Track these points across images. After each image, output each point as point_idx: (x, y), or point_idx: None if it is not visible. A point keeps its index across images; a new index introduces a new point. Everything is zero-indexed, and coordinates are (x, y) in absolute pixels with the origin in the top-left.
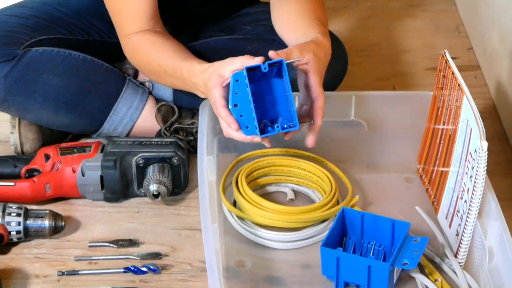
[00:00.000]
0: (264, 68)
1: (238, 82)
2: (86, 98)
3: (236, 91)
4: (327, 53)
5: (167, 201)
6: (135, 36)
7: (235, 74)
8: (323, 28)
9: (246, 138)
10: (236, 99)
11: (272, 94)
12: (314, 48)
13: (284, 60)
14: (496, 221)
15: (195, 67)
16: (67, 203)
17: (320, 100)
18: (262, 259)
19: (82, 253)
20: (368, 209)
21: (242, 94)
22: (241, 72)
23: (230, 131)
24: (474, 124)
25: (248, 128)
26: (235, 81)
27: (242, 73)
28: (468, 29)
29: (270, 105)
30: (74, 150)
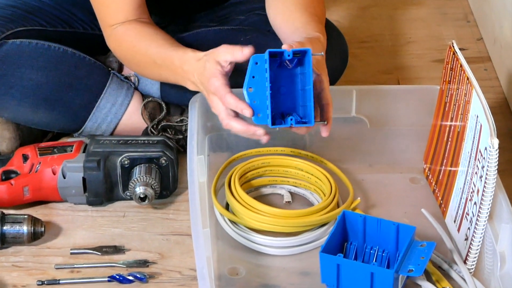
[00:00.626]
0: (288, 55)
1: (257, 65)
2: (67, 94)
3: (254, 75)
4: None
5: (154, 204)
6: (119, 27)
7: (255, 56)
8: (320, 25)
9: (249, 129)
10: (252, 83)
11: (287, 87)
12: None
13: (310, 50)
14: (508, 224)
15: (188, 55)
16: (47, 207)
17: (331, 108)
18: (257, 266)
19: (63, 261)
20: (370, 212)
21: (259, 78)
22: (262, 55)
23: (231, 122)
24: (484, 120)
25: (259, 116)
26: (254, 63)
27: (263, 56)
28: (477, 18)
29: (284, 98)
30: (54, 150)
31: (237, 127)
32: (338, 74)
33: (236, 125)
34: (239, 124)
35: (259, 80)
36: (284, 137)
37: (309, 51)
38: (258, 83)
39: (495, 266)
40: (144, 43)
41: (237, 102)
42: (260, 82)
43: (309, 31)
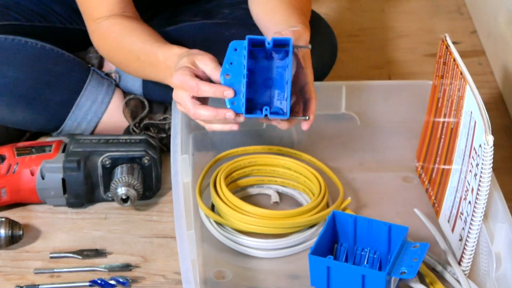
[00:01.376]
0: (267, 43)
1: (236, 51)
2: (45, 91)
3: (231, 61)
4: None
5: (137, 206)
6: (104, 21)
7: (234, 42)
8: (304, 17)
9: (218, 113)
10: (229, 70)
11: (269, 78)
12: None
13: (291, 39)
14: (504, 224)
15: (172, 51)
16: (25, 210)
17: (314, 102)
18: (244, 270)
19: (42, 265)
20: (361, 213)
21: (237, 65)
22: (242, 42)
23: (199, 110)
24: (479, 116)
25: (234, 104)
26: (233, 50)
27: (242, 43)
28: (471, 10)
29: (264, 89)
30: (32, 150)
31: (206, 113)
32: (326, 69)
33: (204, 111)
34: (208, 111)
35: (236, 67)
36: (272, 136)
37: (290, 40)
38: (235, 70)
39: (491, 267)
40: (129, 39)
41: (214, 86)
42: (237, 69)
43: (292, 23)
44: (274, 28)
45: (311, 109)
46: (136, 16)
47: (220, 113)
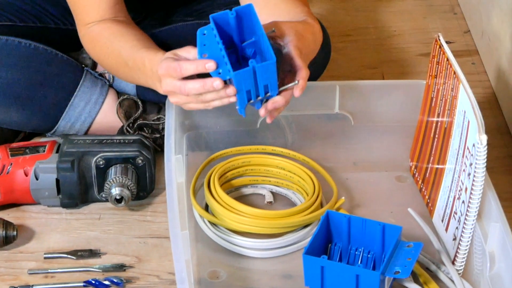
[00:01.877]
0: (231, 14)
1: (205, 35)
2: (39, 92)
3: (204, 43)
4: (316, 35)
5: (131, 206)
6: (94, 26)
7: (200, 29)
8: (308, 9)
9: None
10: (204, 50)
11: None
12: (301, 28)
13: (252, 4)
14: (498, 223)
15: (159, 55)
16: (19, 210)
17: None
18: (238, 270)
19: (36, 265)
20: (355, 212)
21: (211, 44)
22: (209, 26)
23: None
24: (472, 115)
25: (220, 74)
26: (202, 34)
27: (209, 26)
28: (464, 10)
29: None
30: (26, 150)
31: (195, 85)
32: (320, 69)
33: (194, 83)
34: (196, 82)
35: (210, 45)
36: (265, 135)
37: (251, 6)
38: (210, 47)
39: (484, 266)
40: (117, 44)
41: (195, 62)
42: (212, 45)
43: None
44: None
45: (300, 75)
46: (128, 20)
47: (207, 82)
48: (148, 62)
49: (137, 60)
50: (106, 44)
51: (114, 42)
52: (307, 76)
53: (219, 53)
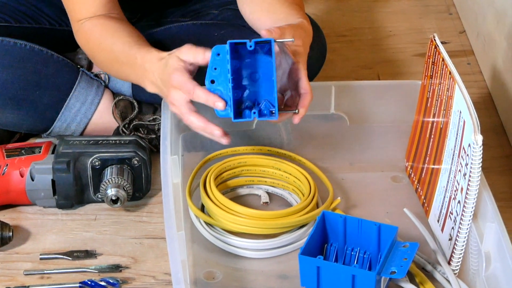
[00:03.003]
0: (249, 46)
1: (219, 56)
2: (34, 93)
3: (215, 66)
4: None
5: (127, 206)
6: (87, 22)
7: (216, 47)
8: (302, 12)
9: (207, 127)
10: (214, 75)
11: (258, 73)
12: (304, 37)
13: (273, 40)
14: (493, 223)
15: (151, 54)
16: (15, 211)
17: (309, 97)
18: (234, 270)
19: (32, 266)
20: (351, 212)
21: (221, 70)
22: (224, 46)
23: (191, 116)
24: (468, 116)
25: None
26: (216, 55)
27: (224, 47)
28: (460, 10)
29: (254, 84)
30: (22, 151)
31: (197, 123)
32: (316, 70)
33: (196, 121)
34: (199, 120)
35: (221, 72)
36: (261, 136)
37: (272, 41)
38: (220, 75)
39: (480, 266)
40: (110, 40)
41: (208, 95)
42: (222, 74)
43: (292, 19)
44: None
45: (303, 103)
46: (121, 17)
47: (208, 127)
48: (140, 59)
49: (129, 57)
50: (99, 40)
51: (107, 37)
52: (309, 103)
53: (227, 86)
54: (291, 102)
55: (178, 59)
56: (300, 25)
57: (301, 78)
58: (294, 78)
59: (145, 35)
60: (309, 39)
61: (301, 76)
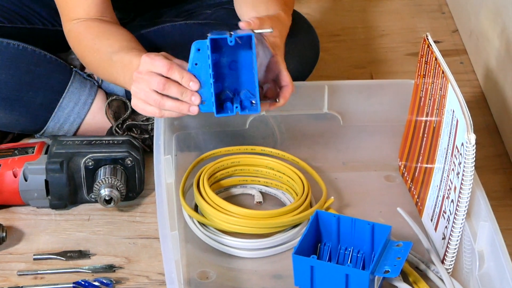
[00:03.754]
0: (230, 42)
1: (199, 52)
2: (27, 93)
3: (196, 62)
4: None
5: (120, 207)
6: (80, 23)
7: (197, 42)
8: (284, 6)
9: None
10: (194, 70)
11: (238, 63)
12: (280, 28)
13: (253, 35)
14: (487, 222)
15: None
16: (8, 212)
17: (290, 89)
18: (228, 270)
19: (26, 267)
20: (344, 212)
21: (202, 65)
22: (204, 42)
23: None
24: (461, 115)
25: (204, 104)
26: (197, 50)
27: (205, 42)
28: (452, 9)
29: (235, 75)
30: (15, 151)
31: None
32: (309, 69)
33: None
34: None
35: (201, 67)
36: (255, 136)
37: (252, 36)
38: (201, 70)
39: (474, 265)
40: (106, 42)
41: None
42: (203, 69)
43: (271, 11)
44: None
45: (284, 95)
46: (114, 21)
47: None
48: (136, 60)
49: (125, 58)
50: (93, 40)
51: (102, 39)
52: (290, 95)
53: (208, 80)
54: (271, 94)
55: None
56: (276, 16)
57: (281, 70)
58: (273, 70)
59: (138, 35)
60: (286, 30)
61: (281, 69)
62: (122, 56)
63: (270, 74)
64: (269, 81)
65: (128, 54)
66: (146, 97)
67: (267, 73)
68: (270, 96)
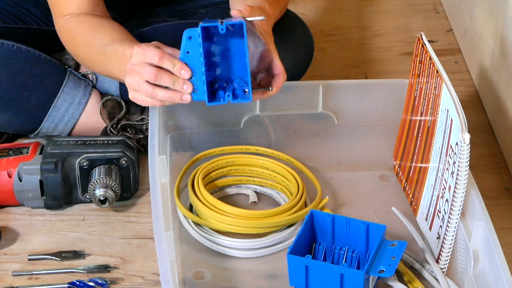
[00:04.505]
0: (221, 30)
1: (191, 40)
2: (21, 93)
3: (188, 50)
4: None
5: (115, 207)
6: (72, 18)
7: (188, 30)
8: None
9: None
10: (186, 58)
11: (230, 51)
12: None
13: (244, 23)
14: (481, 221)
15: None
16: (2, 212)
17: (282, 77)
18: (223, 270)
19: (21, 267)
20: (339, 211)
21: (194, 53)
22: (196, 30)
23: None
24: (455, 114)
25: (196, 92)
26: (188, 38)
27: (196, 30)
28: (447, 9)
29: (227, 63)
30: (9, 152)
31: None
32: (303, 69)
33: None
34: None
35: (193, 56)
36: (249, 135)
37: (243, 24)
38: (192, 58)
39: (468, 265)
40: (98, 35)
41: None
42: (195, 57)
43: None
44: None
45: (277, 83)
46: (106, 15)
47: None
48: (130, 51)
49: (118, 50)
50: (86, 34)
51: (94, 33)
52: (282, 84)
53: (200, 68)
54: (264, 84)
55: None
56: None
57: (273, 59)
58: (266, 59)
59: (133, 35)
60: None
61: (273, 57)
62: (115, 48)
63: (262, 64)
64: (262, 70)
65: (121, 45)
66: (139, 89)
67: (259, 63)
68: (264, 85)
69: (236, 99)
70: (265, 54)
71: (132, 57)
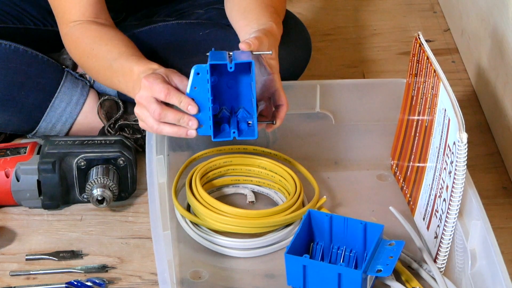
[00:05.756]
0: (229, 68)
1: (199, 75)
2: (19, 93)
3: (195, 85)
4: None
5: (113, 207)
6: (78, 25)
7: (196, 66)
8: (276, 16)
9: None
10: (193, 94)
11: (237, 83)
12: (275, 45)
13: (253, 62)
14: (479, 221)
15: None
16: (0, 212)
17: (285, 109)
18: (221, 270)
19: (18, 267)
20: (337, 211)
21: (201, 89)
22: (205, 66)
23: (164, 127)
24: (452, 113)
25: (201, 127)
26: (196, 74)
27: (205, 67)
28: (444, 8)
29: (233, 93)
30: (7, 152)
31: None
32: (301, 68)
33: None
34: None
35: (201, 91)
36: None
37: (252, 63)
38: (200, 94)
39: (466, 264)
40: (104, 48)
41: (183, 97)
42: (202, 92)
43: (263, 22)
44: (246, 28)
45: (280, 115)
46: (110, 23)
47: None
48: (137, 68)
49: (125, 66)
50: (91, 45)
51: (100, 44)
52: (285, 115)
53: (206, 104)
54: (266, 113)
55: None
56: (269, 30)
57: (278, 89)
58: (269, 89)
59: (130, 35)
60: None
61: (278, 87)
62: (122, 64)
63: (266, 92)
64: (265, 99)
65: (128, 61)
66: (146, 122)
67: (262, 91)
68: (265, 114)
69: (241, 135)
70: (270, 83)
71: (141, 89)
